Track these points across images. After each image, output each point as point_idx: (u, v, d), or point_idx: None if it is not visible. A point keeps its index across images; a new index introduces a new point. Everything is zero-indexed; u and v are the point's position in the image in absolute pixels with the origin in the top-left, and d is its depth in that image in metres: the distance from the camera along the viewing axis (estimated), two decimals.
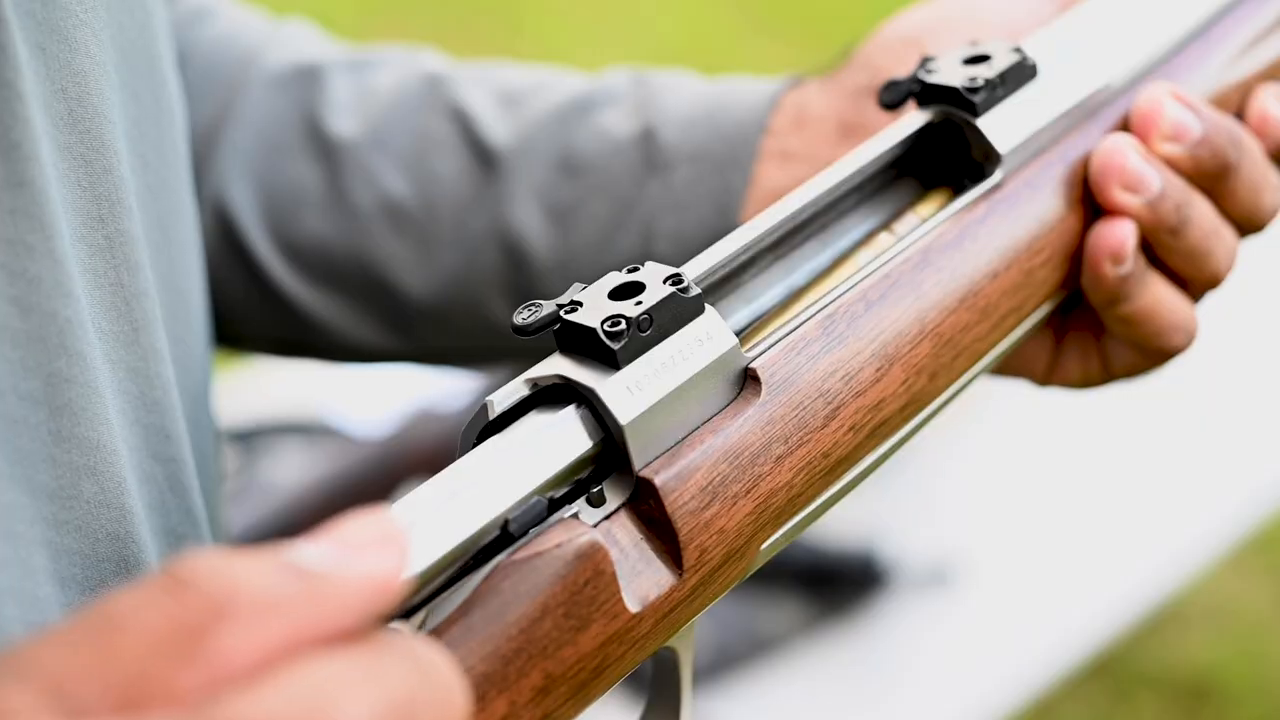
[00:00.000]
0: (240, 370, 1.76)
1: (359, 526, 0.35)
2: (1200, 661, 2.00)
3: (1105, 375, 0.66)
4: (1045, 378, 0.67)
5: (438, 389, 1.54)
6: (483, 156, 0.74)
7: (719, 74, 0.78)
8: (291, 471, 1.45)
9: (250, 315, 0.77)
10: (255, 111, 0.76)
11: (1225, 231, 0.63)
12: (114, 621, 0.33)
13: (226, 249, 0.76)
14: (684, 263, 0.54)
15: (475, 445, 0.49)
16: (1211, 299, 0.66)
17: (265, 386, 1.63)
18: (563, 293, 0.51)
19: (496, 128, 0.75)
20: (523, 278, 0.74)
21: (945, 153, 0.61)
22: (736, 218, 0.70)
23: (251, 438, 1.47)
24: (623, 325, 0.49)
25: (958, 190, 0.61)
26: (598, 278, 0.52)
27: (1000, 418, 1.60)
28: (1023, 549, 1.54)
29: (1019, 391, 0.71)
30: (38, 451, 0.47)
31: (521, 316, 0.50)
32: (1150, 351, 0.64)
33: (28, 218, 0.46)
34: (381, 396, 1.56)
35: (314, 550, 0.35)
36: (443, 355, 0.79)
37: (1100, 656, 1.60)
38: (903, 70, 0.67)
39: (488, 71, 0.78)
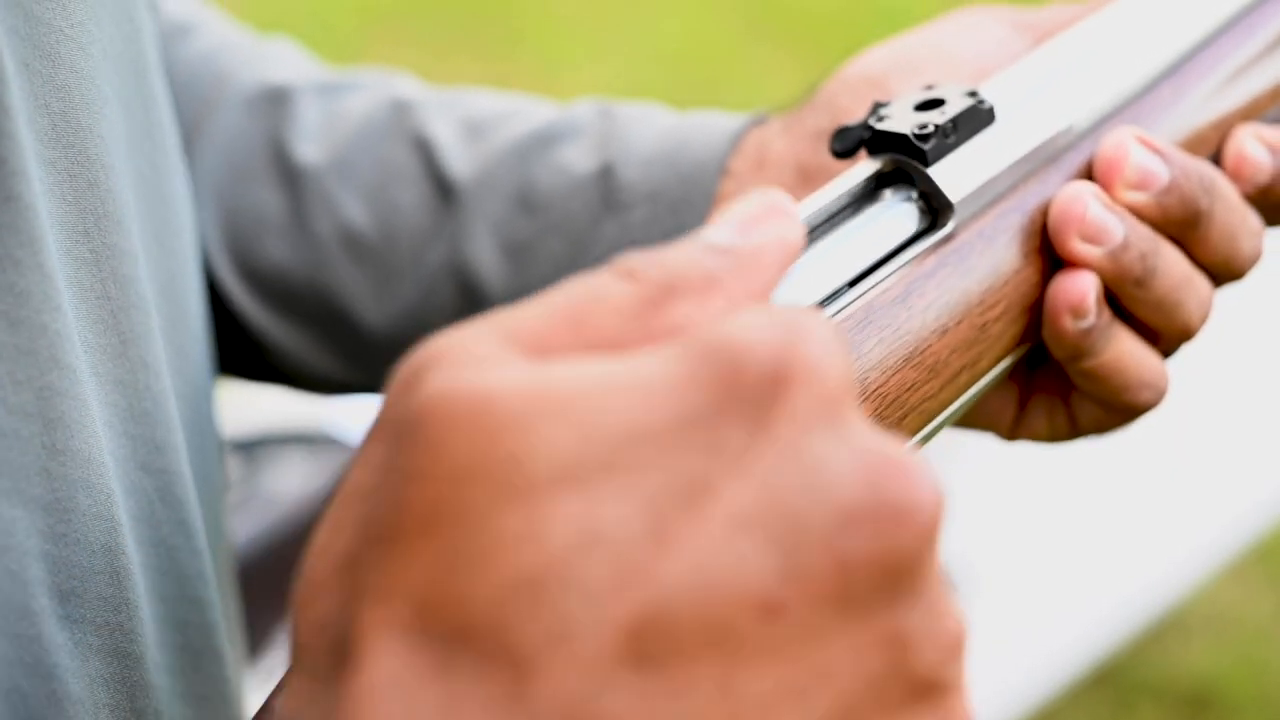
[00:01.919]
0: (241, 381, 1.75)
1: (747, 204, 0.40)
2: (1201, 671, 2.00)
3: (1073, 431, 0.64)
4: (1012, 432, 0.65)
5: None
6: (442, 188, 0.73)
7: (720, 82, 0.78)
8: (294, 482, 1.45)
9: (214, 338, 0.77)
10: (223, 134, 0.76)
11: (1198, 281, 0.60)
12: (581, 298, 0.37)
13: None
14: None
15: None
16: (1212, 308, 0.65)
17: (267, 397, 1.64)
18: None
19: (458, 159, 0.73)
20: (476, 312, 0.72)
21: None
22: None
23: (254, 448, 1.47)
24: None
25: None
26: None
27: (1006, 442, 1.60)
28: (1024, 558, 1.54)
29: None
30: (31, 464, 0.47)
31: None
32: (1117, 408, 0.62)
33: (15, 232, 0.46)
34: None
35: (723, 230, 0.39)
36: None
37: (1101, 665, 1.60)
38: (864, 111, 0.64)
39: (458, 98, 0.77)
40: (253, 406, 1.60)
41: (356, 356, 0.76)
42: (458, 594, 0.33)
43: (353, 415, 1.56)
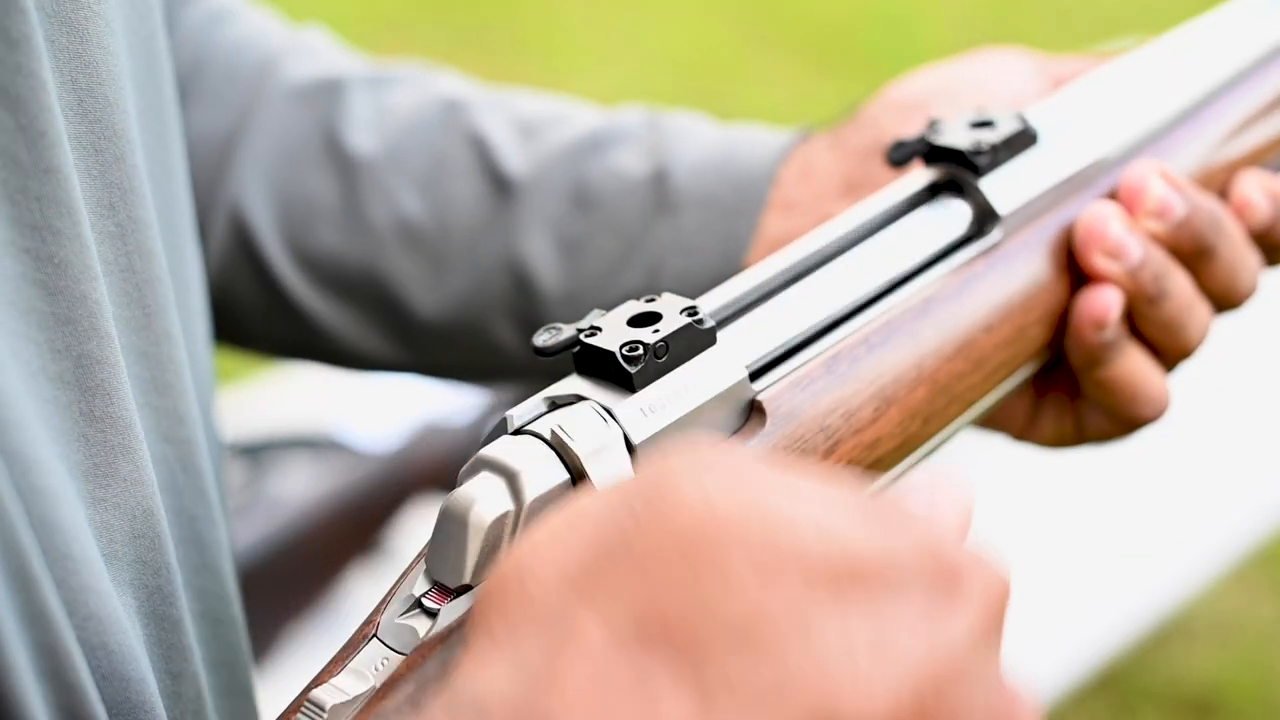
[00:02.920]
0: (247, 386, 1.76)
1: (948, 491, 0.47)
2: (1205, 676, 2.00)
3: (1077, 437, 0.69)
4: (1022, 433, 0.71)
5: (444, 404, 1.55)
6: (498, 184, 0.76)
7: (724, 90, 0.79)
8: (299, 486, 1.46)
9: (260, 318, 0.79)
10: (275, 122, 0.78)
11: (1200, 306, 0.65)
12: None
13: (241, 253, 0.77)
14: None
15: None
16: (1210, 333, 0.68)
17: (272, 402, 1.64)
18: (569, 321, 0.52)
19: (513, 157, 0.76)
20: (529, 305, 0.75)
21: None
22: (741, 263, 0.72)
23: (259, 452, 1.48)
24: (640, 350, 0.51)
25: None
26: (607, 309, 0.54)
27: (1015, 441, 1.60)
28: (1027, 563, 1.54)
29: None
30: (71, 431, 0.49)
31: (542, 339, 0.53)
32: (1121, 420, 0.67)
33: (54, 203, 0.48)
34: (388, 411, 1.56)
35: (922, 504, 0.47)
36: (445, 370, 0.81)
37: (1105, 671, 1.60)
38: (906, 131, 0.70)
39: (505, 99, 0.79)
40: (258, 411, 1.61)
41: (407, 340, 0.78)
42: (681, 620, 0.40)
43: (356, 419, 1.57)
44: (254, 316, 0.79)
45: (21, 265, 0.47)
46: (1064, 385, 0.68)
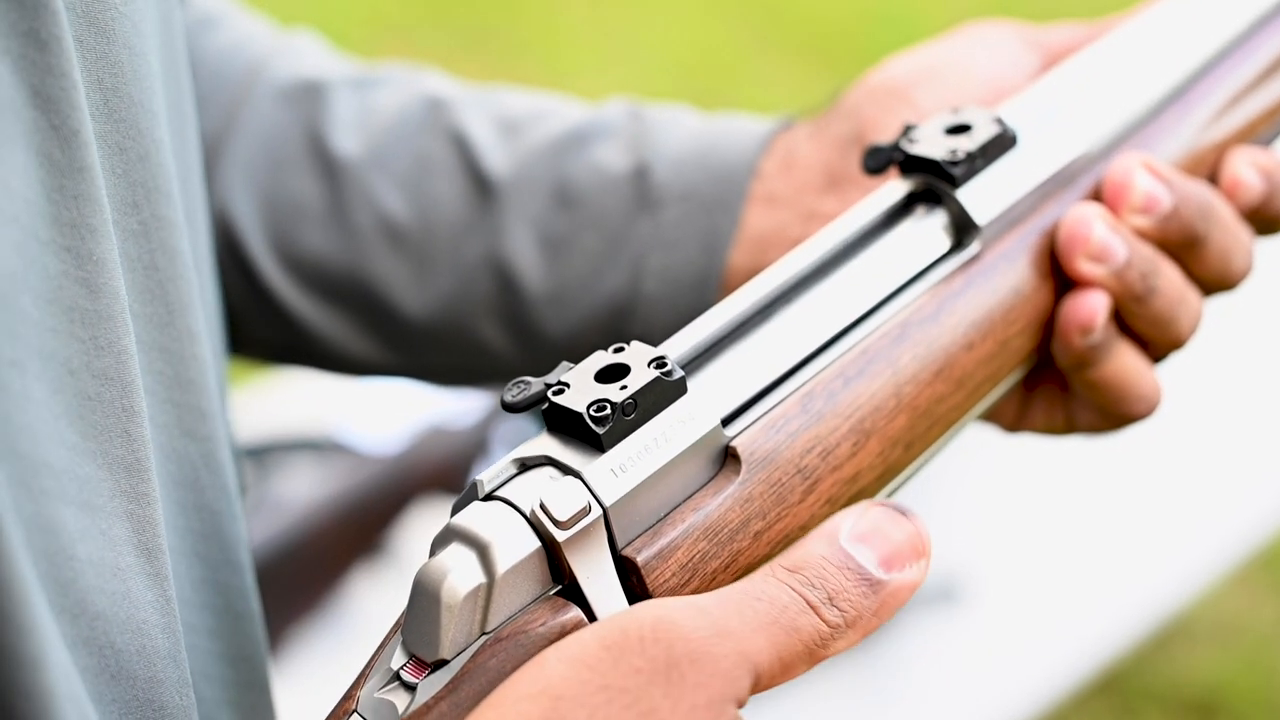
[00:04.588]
0: (252, 387, 1.76)
1: (899, 528, 0.50)
2: (1207, 677, 2.00)
3: (1068, 429, 0.69)
4: (1013, 425, 0.70)
5: (447, 405, 1.55)
6: (480, 183, 0.76)
7: (726, 92, 0.79)
8: (303, 488, 1.46)
9: (248, 321, 0.79)
10: (260, 124, 0.78)
11: (1191, 296, 0.64)
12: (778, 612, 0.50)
13: (227, 256, 0.78)
14: (672, 298, 0.54)
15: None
16: (1215, 315, 0.67)
17: (277, 404, 1.64)
18: (553, 322, 0.52)
19: (495, 156, 0.76)
20: (514, 304, 0.75)
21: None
22: (723, 258, 0.72)
23: (264, 454, 1.48)
24: (608, 410, 0.50)
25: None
26: (586, 314, 0.53)
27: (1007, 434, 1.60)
28: (1029, 565, 1.55)
29: None
30: (114, 427, 0.49)
31: (510, 394, 0.52)
32: (1111, 416, 0.66)
33: (90, 201, 0.48)
34: (392, 413, 1.57)
35: (870, 556, 0.50)
36: (433, 372, 0.80)
37: (1107, 672, 1.60)
38: (888, 120, 0.69)
39: (489, 97, 0.79)
40: (262, 413, 1.61)
41: (394, 342, 0.78)
42: None
43: (360, 421, 1.57)
44: (241, 320, 0.79)
45: (63, 264, 0.47)
46: (1054, 379, 0.67)
